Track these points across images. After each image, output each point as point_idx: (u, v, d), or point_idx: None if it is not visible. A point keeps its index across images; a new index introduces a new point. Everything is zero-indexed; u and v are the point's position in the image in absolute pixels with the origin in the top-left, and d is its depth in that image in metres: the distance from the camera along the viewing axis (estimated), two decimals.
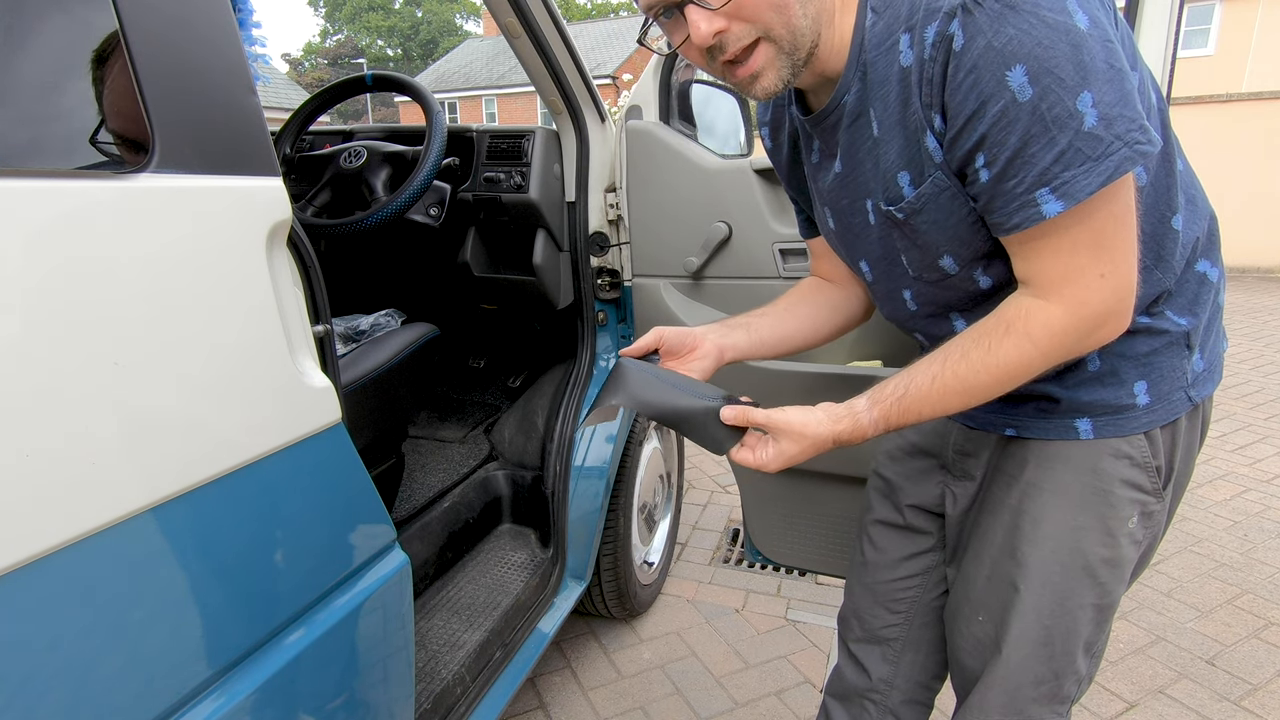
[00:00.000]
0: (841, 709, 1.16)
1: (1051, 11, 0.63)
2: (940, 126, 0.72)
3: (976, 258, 0.80)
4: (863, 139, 0.82)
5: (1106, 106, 0.64)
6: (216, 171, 0.71)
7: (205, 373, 0.69)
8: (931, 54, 0.69)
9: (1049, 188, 0.67)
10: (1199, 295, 0.85)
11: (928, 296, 0.89)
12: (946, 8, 0.67)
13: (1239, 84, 11.55)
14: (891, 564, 1.09)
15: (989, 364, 0.76)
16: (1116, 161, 0.65)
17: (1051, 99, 0.64)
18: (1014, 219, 0.71)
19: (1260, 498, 2.82)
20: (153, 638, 0.66)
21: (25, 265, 0.55)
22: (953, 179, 0.75)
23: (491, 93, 25.35)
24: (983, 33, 0.65)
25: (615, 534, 1.89)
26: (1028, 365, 0.76)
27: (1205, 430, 0.92)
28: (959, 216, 0.77)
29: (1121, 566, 0.88)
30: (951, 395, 0.79)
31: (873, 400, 0.83)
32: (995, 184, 0.70)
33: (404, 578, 0.99)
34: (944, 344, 0.81)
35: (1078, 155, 0.66)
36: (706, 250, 1.62)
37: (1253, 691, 1.82)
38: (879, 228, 0.87)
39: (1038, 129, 0.66)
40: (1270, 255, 8.02)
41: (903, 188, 0.79)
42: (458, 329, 2.34)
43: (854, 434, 0.83)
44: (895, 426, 0.83)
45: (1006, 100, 0.66)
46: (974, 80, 0.67)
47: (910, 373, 0.82)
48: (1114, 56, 0.65)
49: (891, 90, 0.76)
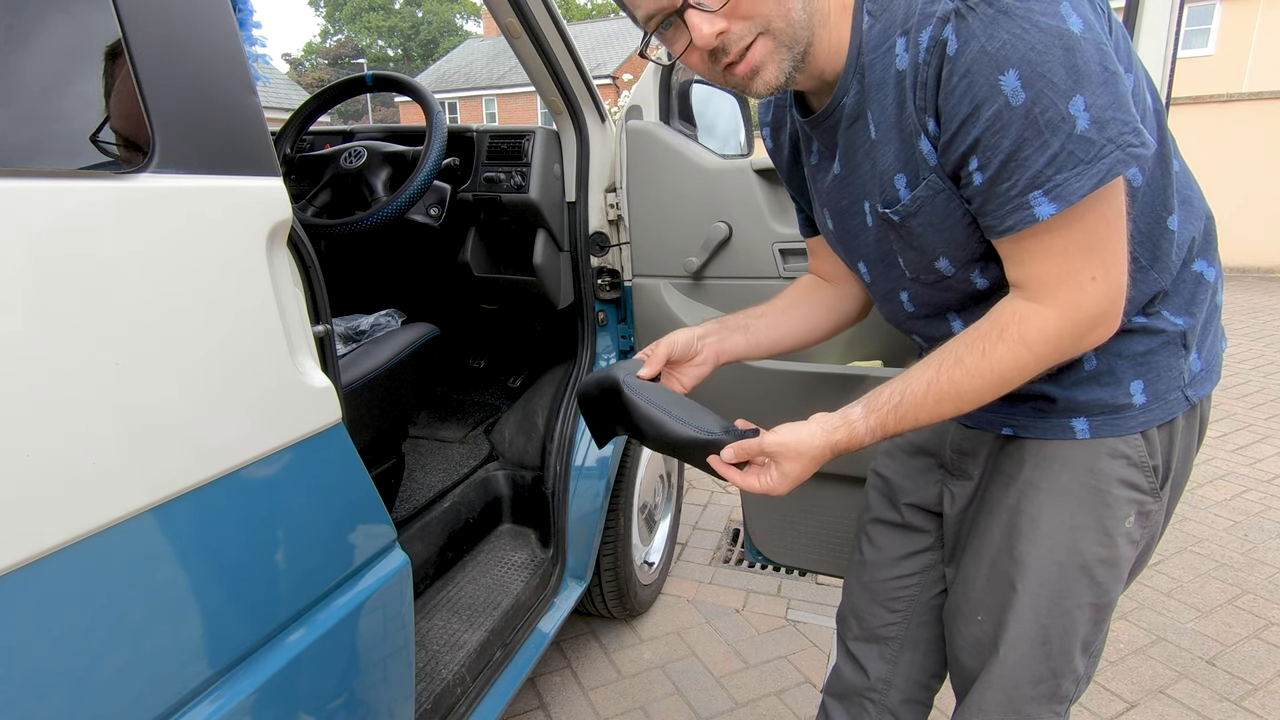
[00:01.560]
0: (841, 708, 1.16)
1: (1045, 16, 0.64)
2: (934, 130, 0.73)
3: (973, 259, 0.81)
4: (860, 141, 0.83)
5: (1099, 110, 0.65)
6: (217, 171, 0.72)
7: (205, 373, 0.69)
8: (926, 58, 0.70)
9: (1042, 190, 0.68)
10: (1196, 295, 0.85)
11: (925, 298, 0.89)
12: (941, 12, 0.67)
13: (1239, 84, 11.55)
14: (890, 563, 1.10)
15: (983, 369, 0.77)
16: (1109, 164, 0.66)
17: (1044, 103, 0.65)
18: (1007, 221, 0.71)
19: (1260, 498, 2.82)
20: (153, 638, 0.66)
21: (26, 265, 0.55)
22: (947, 182, 0.75)
23: (491, 93, 25.35)
24: (976, 37, 0.65)
25: (615, 534, 1.89)
26: (1022, 369, 0.76)
27: (1203, 430, 0.92)
28: (954, 219, 0.78)
29: (1119, 566, 0.88)
30: (947, 401, 0.79)
31: (868, 408, 0.83)
32: (989, 187, 0.71)
33: (404, 578, 0.99)
34: (938, 349, 0.81)
35: (1070, 158, 0.66)
36: (707, 250, 1.62)
37: (1253, 691, 1.82)
38: (876, 230, 0.87)
39: (1030, 133, 0.66)
40: (1270, 255, 8.02)
41: (899, 190, 0.80)
42: (458, 329, 2.34)
43: (851, 442, 0.83)
44: (892, 433, 0.83)
45: (1000, 104, 0.66)
46: (967, 84, 0.67)
47: (905, 379, 0.82)
48: (1107, 59, 0.65)
49: (888, 93, 0.76)
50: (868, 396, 0.84)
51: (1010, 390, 0.79)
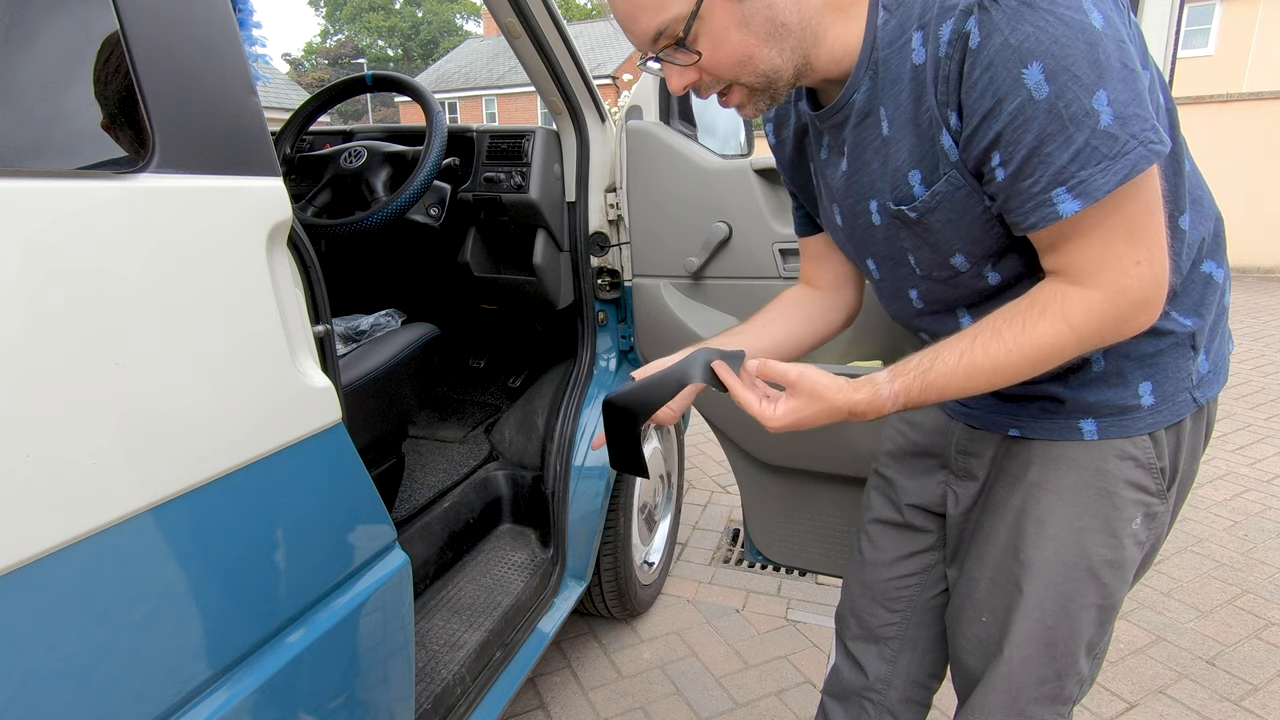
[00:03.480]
0: (840, 708, 1.16)
1: (1068, 9, 0.63)
2: (956, 124, 0.72)
3: (989, 255, 0.80)
4: (870, 138, 0.82)
5: (1121, 105, 0.64)
6: (217, 171, 0.71)
7: (205, 373, 0.69)
8: (948, 51, 0.69)
9: (1065, 187, 0.67)
10: (1205, 296, 0.85)
11: (935, 295, 0.88)
12: (963, 5, 0.67)
13: (1239, 84, 11.55)
14: (890, 562, 1.09)
15: (1023, 343, 0.74)
16: (1133, 160, 0.65)
17: (1068, 97, 0.64)
18: (1030, 218, 0.71)
19: (1260, 498, 2.82)
20: (153, 637, 0.66)
21: (26, 265, 0.55)
22: (969, 178, 0.74)
23: (491, 93, 25.35)
24: (999, 30, 0.65)
25: (615, 534, 1.89)
26: (1062, 348, 0.74)
27: (1210, 432, 0.92)
28: (973, 215, 0.77)
29: (1124, 568, 0.88)
30: (978, 374, 0.76)
31: (895, 373, 0.79)
32: (1011, 183, 0.70)
33: (404, 578, 0.99)
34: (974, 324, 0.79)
35: (1094, 154, 0.65)
36: (706, 250, 1.62)
37: (1253, 691, 1.82)
38: (884, 229, 0.86)
39: (1054, 127, 0.65)
40: (1270, 255, 8.02)
41: (913, 187, 0.79)
42: (458, 329, 2.34)
43: (871, 405, 0.80)
44: (915, 404, 0.79)
45: (1023, 98, 0.65)
46: (990, 77, 0.66)
47: (937, 349, 0.79)
48: (1127, 56, 0.65)
49: (904, 88, 0.75)
50: (895, 364, 0.81)
51: (1042, 371, 0.77)
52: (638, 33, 0.76)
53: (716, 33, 0.74)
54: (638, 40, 0.77)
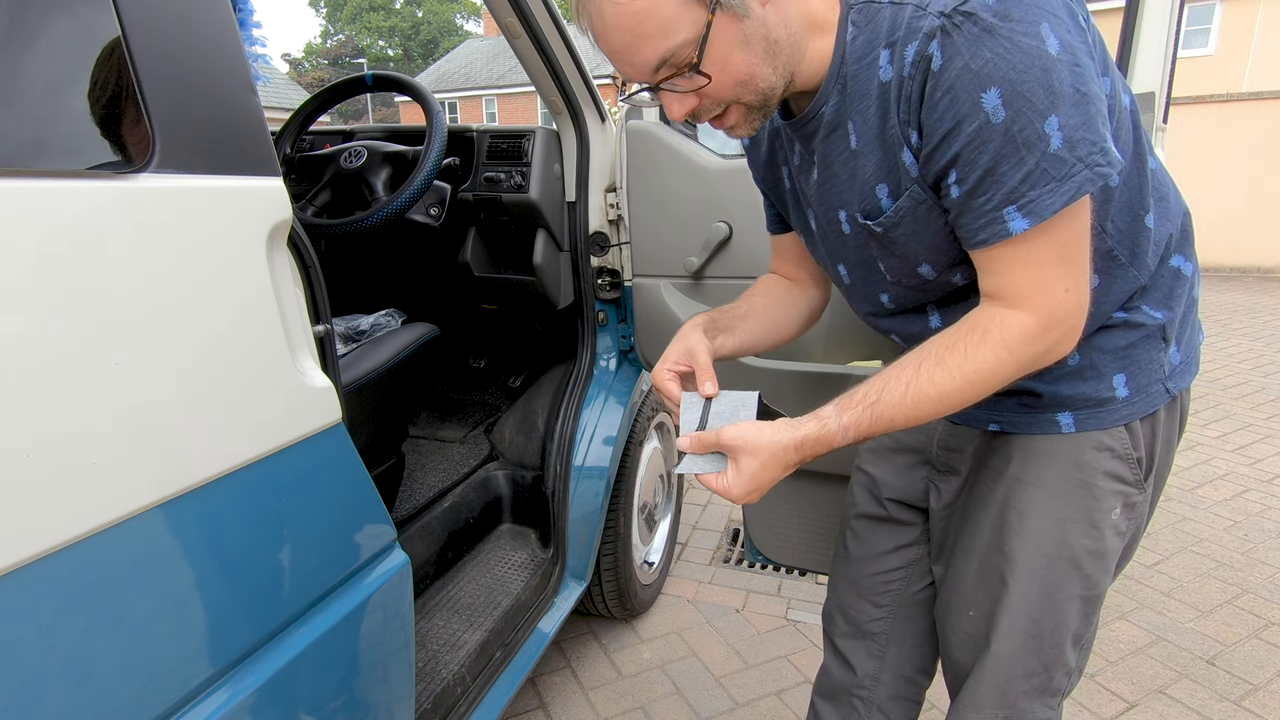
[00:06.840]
0: (830, 708, 1.16)
1: (1026, 37, 0.65)
2: (917, 142, 0.74)
3: (954, 264, 0.82)
4: (838, 150, 0.83)
5: (1071, 130, 0.67)
6: (217, 171, 0.72)
7: (205, 372, 0.69)
8: (911, 72, 0.71)
9: (1016, 205, 0.70)
10: (1174, 290, 0.88)
11: (906, 298, 0.90)
12: (927, 28, 0.69)
13: (1239, 84, 11.54)
14: (874, 557, 1.10)
15: (965, 369, 0.76)
16: (1079, 183, 0.69)
17: (1023, 121, 0.67)
18: (981, 234, 0.73)
19: (1260, 498, 2.82)
20: (154, 637, 0.66)
21: (26, 265, 0.55)
22: (929, 193, 0.77)
23: (491, 93, 25.34)
24: (960, 55, 0.67)
25: (615, 534, 1.90)
26: (1002, 372, 0.77)
27: (1184, 422, 0.94)
28: (936, 227, 0.79)
29: (1106, 558, 0.90)
30: (925, 403, 0.78)
31: (841, 406, 0.79)
32: (966, 200, 0.73)
33: (404, 577, 0.99)
34: (914, 350, 0.80)
35: (1044, 175, 0.68)
36: (707, 250, 1.62)
37: (1253, 691, 1.82)
38: (854, 238, 0.88)
39: (1008, 149, 0.68)
40: (1270, 255, 8.02)
41: (881, 200, 0.81)
42: (458, 329, 2.34)
43: (820, 441, 0.79)
44: (866, 436, 0.79)
45: (981, 121, 0.68)
46: (950, 100, 0.69)
47: (882, 378, 0.79)
48: (1080, 81, 0.67)
49: (871, 104, 0.77)
50: (841, 396, 0.81)
51: (985, 395, 0.79)
52: (638, 63, 0.74)
53: (721, 55, 0.74)
54: (636, 71, 0.75)
